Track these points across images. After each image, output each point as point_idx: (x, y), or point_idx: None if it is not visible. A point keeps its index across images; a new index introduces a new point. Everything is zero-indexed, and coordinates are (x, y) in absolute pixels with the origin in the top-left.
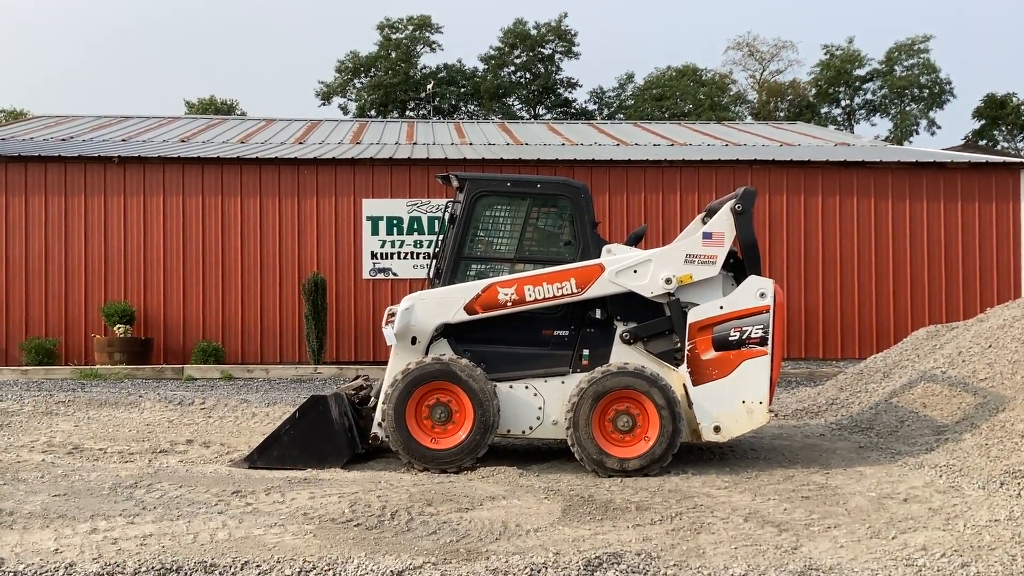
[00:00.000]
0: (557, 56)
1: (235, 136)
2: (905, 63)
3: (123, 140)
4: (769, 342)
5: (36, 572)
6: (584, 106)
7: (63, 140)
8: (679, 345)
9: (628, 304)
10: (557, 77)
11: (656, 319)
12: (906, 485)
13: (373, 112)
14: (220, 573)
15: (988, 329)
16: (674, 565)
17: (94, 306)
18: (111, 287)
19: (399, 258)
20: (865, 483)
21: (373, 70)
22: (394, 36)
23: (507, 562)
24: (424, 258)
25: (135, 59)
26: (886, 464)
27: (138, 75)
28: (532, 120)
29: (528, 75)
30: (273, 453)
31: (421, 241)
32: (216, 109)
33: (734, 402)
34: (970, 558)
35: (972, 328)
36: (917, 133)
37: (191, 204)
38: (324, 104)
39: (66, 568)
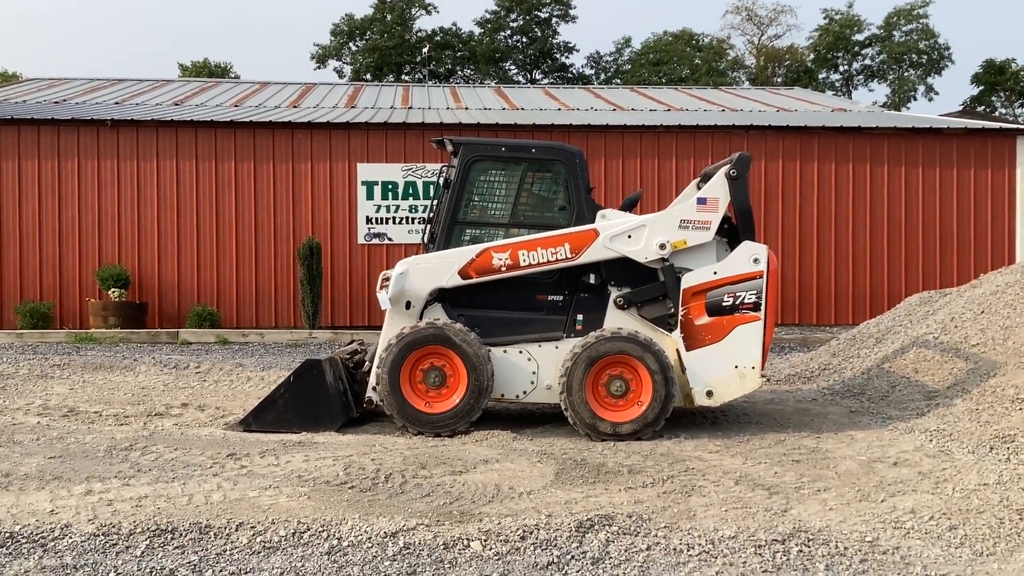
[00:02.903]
0: (554, 20)
1: (229, 100)
2: (904, 28)
3: (116, 103)
4: (762, 308)
5: (32, 533)
6: (581, 71)
7: (56, 103)
8: (673, 310)
9: (622, 269)
10: (554, 41)
11: (650, 284)
12: (896, 449)
13: (368, 76)
14: (214, 534)
15: (981, 295)
16: (665, 527)
17: (88, 270)
18: (105, 251)
19: (394, 223)
20: (856, 447)
21: (368, 33)
22: None
23: (499, 524)
24: (419, 223)
25: (129, 21)
26: (877, 429)
27: (132, 38)
28: (528, 85)
29: (525, 39)
30: (268, 417)
31: (416, 206)
32: (210, 72)
33: (727, 367)
34: (958, 521)
35: (965, 294)
36: (915, 99)
37: (185, 168)
38: (319, 67)
39: (62, 529)
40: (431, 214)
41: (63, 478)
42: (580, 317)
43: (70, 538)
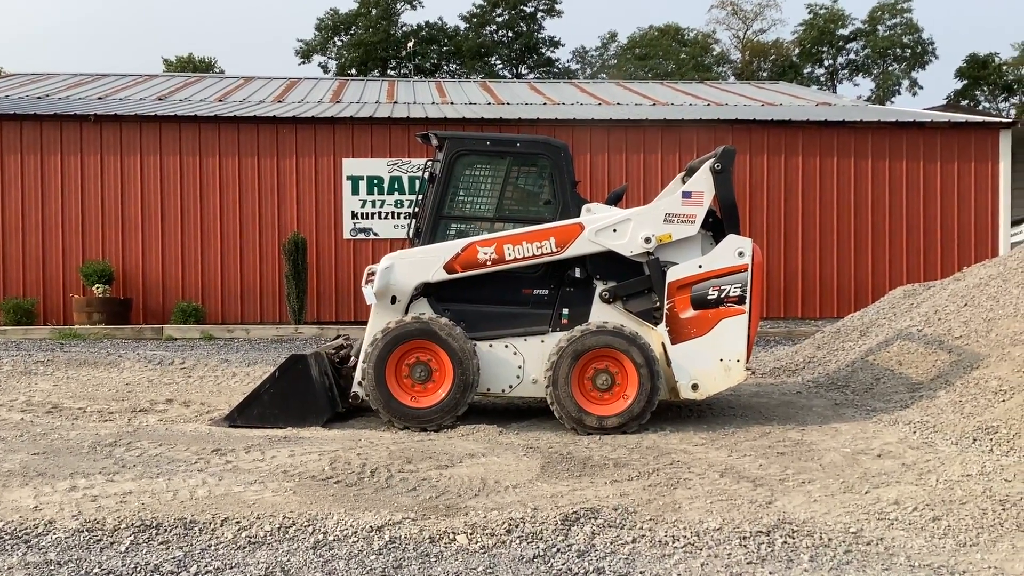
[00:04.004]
0: (540, 15)
1: (213, 94)
2: (888, 23)
3: (100, 98)
4: (747, 301)
5: (16, 529)
6: (567, 65)
7: (39, 98)
8: (658, 304)
9: (608, 263)
10: (539, 36)
11: (635, 278)
12: (880, 441)
13: (353, 71)
14: (200, 529)
15: (964, 288)
16: (650, 519)
17: (72, 266)
18: (89, 247)
19: (380, 218)
20: (840, 439)
21: (353, 28)
22: None
23: (485, 517)
24: (405, 218)
25: (113, 16)
26: (861, 421)
27: (116, 33)
28: (514, 80)
29: (510, 34)
30: (253, 412)
31: (402, 201)
32: (194, 67)
33: (712, 360)
34: (941, 512)
35: (948, 287)
36: (899, 93)
37: (169, 163)
38: (304, 62)
39: (46, 525)
40: (416, 209)
41: (47, 474)
42: (566, 311)
43: (54, 534)
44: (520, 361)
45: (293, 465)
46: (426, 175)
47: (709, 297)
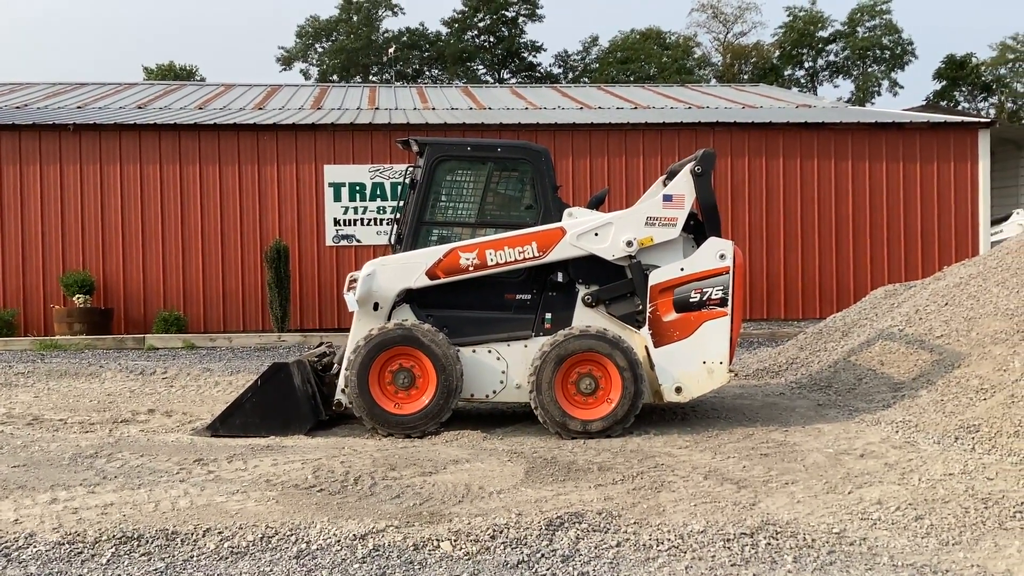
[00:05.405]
0: (521, 19)
1: (193, 102)
2: (867, 24)
3: (78, 107)
4: (729, 303)
5: None
6: (549, 70)
7: (17, 108)
8: (640, 307)
9: (590, 267)
10: (521, 41)
11: (618, 282)
12: (863, 441)
13: (335, 77)
14: (181, 541)
15: (945, 287)
16: (634, 523)
17: (53, 276)
18: (69, 257)
19: (362, 224)
20: (823, 440)
21: (334, 34)
22: None
23: (469, 524)
24: (387, 224)
25: (92, 24)
26: (844, 421)
27: (97, 41)
28: (496, 84)
29: (492, 39)
30: (235, 421)
31: (384, 207)
32: (175, 75)
33: (695, 363)
34: (924, 511)
35: (929, 287)
36: (879, 94)
37: (149, 171)
38: (285, 69)
39: (26, 538)
40: (398, 215)
41: (27, 487)
42: (548, 316)
43: (34, 547)
44: (503, 366)
45: (276, 474)
46: (407, 181)
47: (691, 300)
